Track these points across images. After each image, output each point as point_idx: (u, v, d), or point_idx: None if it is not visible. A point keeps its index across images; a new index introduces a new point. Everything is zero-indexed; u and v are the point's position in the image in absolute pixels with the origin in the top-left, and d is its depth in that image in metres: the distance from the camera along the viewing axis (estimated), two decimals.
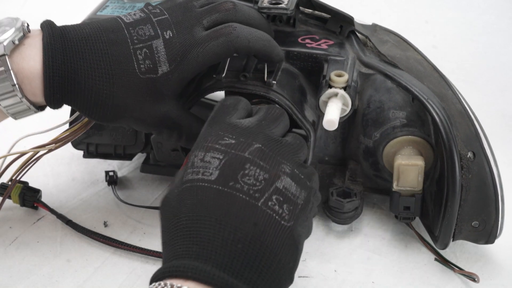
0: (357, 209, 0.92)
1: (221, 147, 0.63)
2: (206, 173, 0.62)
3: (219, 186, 0.61)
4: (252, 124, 0.67)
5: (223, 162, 0.62)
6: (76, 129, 0.87)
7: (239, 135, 0.65)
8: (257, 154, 0.63)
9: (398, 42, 0.96)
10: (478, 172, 0.85)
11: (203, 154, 0.63)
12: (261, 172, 0.62)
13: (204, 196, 0.61)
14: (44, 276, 0.87)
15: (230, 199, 0.60)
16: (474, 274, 0.85)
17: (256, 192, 0.61)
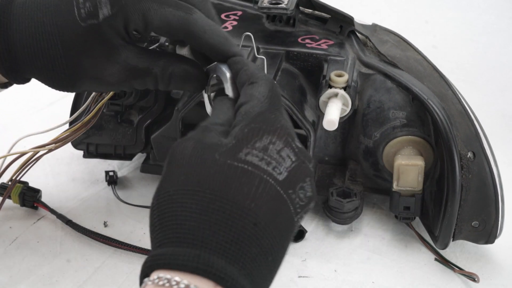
0: (357, 209, 0.92)
1: (295, 149, 0.56)
2: (277, 170, 0.54)
3: (281, 189, 0.54)
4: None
5: (293, 166, 0.55)
6: (76, 129, 0.87)
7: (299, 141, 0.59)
8: (312, 170, 0.58)
9: (398, 42, 0.96)
10: (478, 172, 0.85)
11: (281, 146, 0.56)
12: (310, 190, 0.57)
13: (265, 193, 0.53)
14: (44, 276, 0.87)
15: (282, 206, 0.54)
16: (474, 274, 0.85)
17: (300, 207, 0.56)
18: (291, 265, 0.89)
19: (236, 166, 0.53)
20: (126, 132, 0.97)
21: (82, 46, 0.68)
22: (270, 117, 0.58)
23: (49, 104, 1.24)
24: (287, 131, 0.57)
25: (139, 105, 0.95)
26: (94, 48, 0.68)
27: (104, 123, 0.96)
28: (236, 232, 0.51)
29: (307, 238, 0.93)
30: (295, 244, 0.92)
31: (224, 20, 0.97)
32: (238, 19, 0.98)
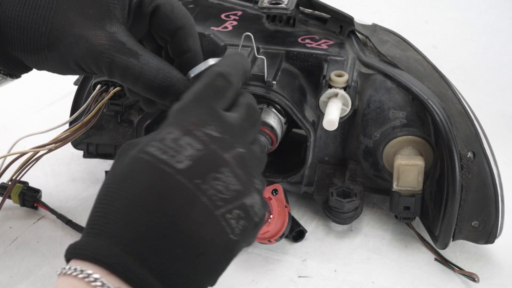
0: (357, 209, 0.92)
1: (203, 136, 0.55)
2: (174, 158, 0.53)
3: (183, 179, 0.52)
4: (237, 122, 0.59)
5: (199, 155, 0.54)
6: (76, 129, 0.87)
7: (225, 131, 0.57)
8: (237, 160, 0.56)
9: (398, 42, 0.96)
10: (478, 172, 0.85)
11: (178, 135, 0.54)
12: (234, 182, 0.55)
13: (161, 183, 0.52)
14: (44, 276, 0.87)
15: (188, 198, 0.52)
16: (474, 274, 0.85)
17: (220, 200, 0.53)
18: (291, 265, 0.89)
19: (138, 158, 0.53)
20: (126, 132, 0.97)
21: (79, 3, 0.66)
22: (184, 109, 0.57)
23: (49, 104, 1.24)
24: (191, 120, 0.56)
25: (139, 105, 0.95)
26: (88, 6, 0.66)
27: (104, 123, 0.97)
28: (134, 222, 0.51)
29: (307, 238, 0.93)
30: (295, 244, 0.92)
31: (224, 20, 0.97)
32: (238, 19, 0.98)
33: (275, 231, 0.86)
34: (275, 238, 0.87)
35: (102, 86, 0.89)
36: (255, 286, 0.86)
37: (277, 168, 0.96)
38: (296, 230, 0.92)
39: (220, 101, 0.59)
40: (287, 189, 0.95)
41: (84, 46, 0.66)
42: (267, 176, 0.93)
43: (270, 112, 0.88)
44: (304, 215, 0.98)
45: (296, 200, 1.00)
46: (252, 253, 0.91)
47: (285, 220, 0.86)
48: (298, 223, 0.93)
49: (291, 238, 0.93)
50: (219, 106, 0.59)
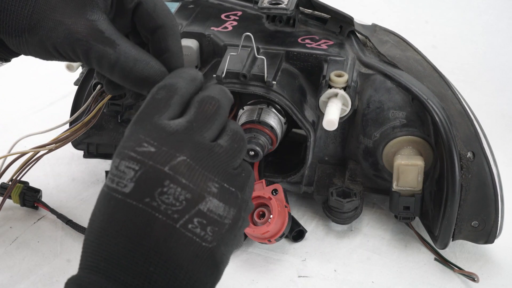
0: (356, 209, 0.92)
1: (137, 156, 0.55)
2: (121, 184, 0.54)
3: (133, 201, 0.54)
4: (180, 127, 0.58)
5: (139, 174, 0.54)
6: (76, 129, 0.87)
7: (162, 142, 0.56)
8: (180, 169, 0.55)
9: (398, 42, 0.96)
10: (477, 172, 0.85)
11: (118, 161, 0.55)
12: (182, 192, 0.55)
13: (116, 209, 0.54)
14: (45, 276, 0.87)
15: (145, 217, 0.54)
16: (474, 274, 0.86)
17: (175, 213, 0.54)
18: (291, 265, 0.89)
19: (101, 190, 0.56)
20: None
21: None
22: (125, 135, 0.58)
23: (49, 104, 1.24)
24: (125, 145, 0.56)
25: (139, 106, 0.95)
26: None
27: (104, 123, 0.97)
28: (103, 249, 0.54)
29: (307, 238, 0.93)
30: (295, 244, 0.92)
31: (224, 20, 0.97)
32: (238, 19, 0.98)
33: (275, 231, 0.86)
34: (275, 238, 0.87)
35: (102, 86, 0.89)
36: (255, 286, 0.86)
37: (277, 168, 0.96)
38: (296, 230, 0.92)
39: (163, 112, 0.59)
40: (287, 189, 0.95)
41: (63, 32, 0.65)
42: (267, 176, 0.94)
43: (270, 112, 0.88)
44: (304, 215, 0.98)
45: (296, 200, 1.00)
46: (252, 253, 0.91)
47: (285, 220, 0.86)
48: (298, 223, 0.93)
49: (291, 238, 0.93)
50: (164, 117, 0.58)
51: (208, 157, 0.57)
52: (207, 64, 0.95)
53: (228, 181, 0.58)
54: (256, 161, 0.89)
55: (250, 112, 0.89)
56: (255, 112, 0.88)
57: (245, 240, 0.91)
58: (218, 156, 0.58)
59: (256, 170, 0.92)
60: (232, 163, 0.59)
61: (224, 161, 0.59)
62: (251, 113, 0.89)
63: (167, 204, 0.54)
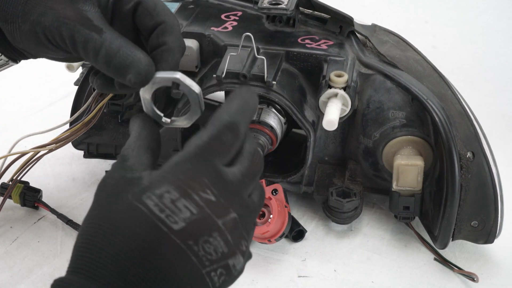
0: (356, 209, 0.92)
1: (199, 200, 0.56)
2: (171, 219, 0.54)
3: (177, 239, 0.54)
4: (235, 179, 0.59)
5: (194, 219, 0.55)
6: (77, 129, 0.87)
7: (221, 192, 0.57)
8: (229, 225, 0.57)
9: (398, 43, 0.96)
10: (477, 172, 0.85)
11: (177, 196, 0.55)
12: (223, 246, 0.56)
13: (157, 240, 0.54)
14: (45, 276, 0.87)
15: (180, 256, 0.54)
16: (474, 274, 0.86)
17: (208, 260, 0.55)
18: (291, 265, 0.89)
19: (135, 207, 0.54)
20: (127, 132, 0.97)
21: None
22: (184, 167, 0.57)
23: (49, 104, 1.24)
24: (189, 183, 0.56)
25: (139, 106, 0.95)
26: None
27: (104, 123, 0.97)
28: (127, 272, 0.53)
29: (307, 238, 0.93)
30: (295, 244, 0.93)
31: (224, 20, 0.97)
32: (238, 19, 0.98)
33: (275, 231, 0.86)
34: (275, 238, 0.87)
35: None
36: (255, 286, 0.86)
37: (277, 168, 0.96)
38: (296, 230, 0.92)
39: (223, 157, 0.59)
40: (287, 189, 0.95)
41: (51, 16, 0.66)
42: (267, 176, 0.94)
43: (270, 112, 0.88)
44: (304, 215, 0.98)
45: (296, 200, 1.00)
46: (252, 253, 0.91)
47: (285, 220, 0.86)
48: (298, 223, 0.93)
49: (291, 238, 0.93)
50: (222, 162, 0.59)
51: (247, 216, 0.59)
52: (207, 64, 0.95)
53: (250, 238, 0.61)
54: None
55: None
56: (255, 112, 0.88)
57: None
58: (252, 214, 0.61)
59: None
60: (255, 218, 0.62)
61: (254, 216, 0.61)
62: None
63: (206, 252, 0.55)
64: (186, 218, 0.54)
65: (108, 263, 0.53)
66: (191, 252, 0.54)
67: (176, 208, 0.54)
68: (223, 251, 0.56)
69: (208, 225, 0.55)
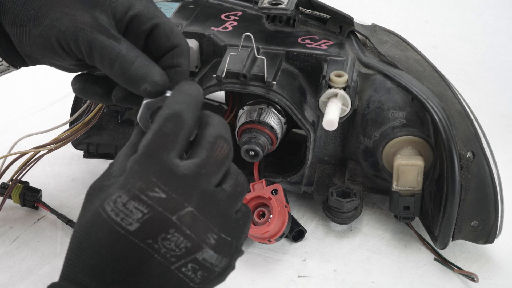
0: (356, 209, 0.92)
1: (147, 200, 0.56)
2: (125, 221, 0.56)
3: (136, 239, 0.56)
4: (190, 171, 0.58)
5: (146, 218, 0.56)
6: (77, 129, 0.87)
7: (172, 188, 0.57)
8: (186, 220, 0.57)
9: (398, 43, 0.96)
10: (477, 172, 0.85)
11: (126, 199, 0.56)
12: (184, 241, 0.57)
13: (116, 242, 0.56)
14: (45, 276, 0.87)
15: (143, 256, 0.56)
16: (474, 274, 0.86)
17: (173, 257, 0.57)
18: (290, 265, 0.89)
19: (98, 213, 0.57)
20: (127, 132, 0.97)
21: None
22: (133, 169, 0.58)
23: (49, 105, 1.24)
24: (136, 185, 0.57)
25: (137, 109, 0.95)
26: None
27: (104, 123, 0.97)
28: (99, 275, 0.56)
29: (307, 238, 0.94)
30: (295, 244, 0.93)
31: (224, 20, 0.97)
32: (238, 19, 0.98)
33: (275, 231, 0.86)
34: (275, 238, 0.87)
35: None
36: (255, 286, 0.86)
37: (277, 168, 0.96)
38: (296, 230, 0.92)
39: (171, 150, 0.59)
40: (287, 189, 0.95)
41: (68, 22, 0.66)
42: (267, 176, 0.94)
43: (270, 112, 0.88)
44: (304, 215, 0.98)
45: (296, 200, 1.00)
46: (252, 253, 0.91)
47: (285, 220, 0.86)
48: (298, 223, 0.93)
49: (291, 238, 0.93)
50: (171, 155, 0.59)
51: (212, 205, 0.59)
52: (207, 64, 0.95)
53: (226, 231, 0.60)
54: (256, 161, 0.90)
55: (250, 112, 0.89)
56: (255, 112, 0.88)
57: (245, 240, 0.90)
58: (221, 202, 0.60)
59: (256, 170, 0.92)
60: (233, 207, 0.61)
61: (226, 207, 0.60)
62: (251, 113, 0.89)
63: (168, 249, 0.56)
64: (138, 219, 0.56)
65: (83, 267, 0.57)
66: (152, 250, 0.56)
67: (128, 211, 0.56)
68: (185, 245, 0.57)
69: (162, 222, 0.56)
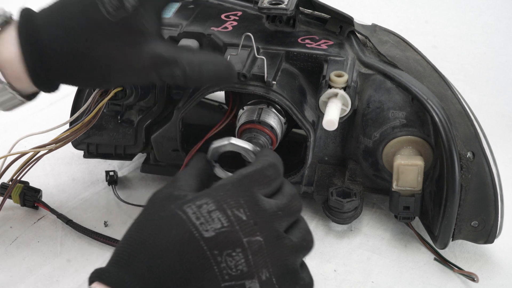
0: (356, 209, 0.92)
1: (231, 216, 0.62)
2: (203, 226, 0.61)
3: (205, 246, 0.60)
4: (270, 209, 0.64)
5: (222, 231, 0.61)
6: (77, 129, 0.87)
7: (253, 215, 0.63)
8: (253, 246, 0.62)
9: (398, 43, 0.96)
10: (477, 172, 0.85)
11: (213, 208, 0.62)
12: (243, 264, 0.61)
13: (187, 243, 0.60)
14: (45, 276, 0.87)
15: (204, 263, 0.60)
16: (474, 274, 0.86)
17: (227, 275, 0.60)
18: None
19: (176, 214, 0.62)
20: (127, 132, 0.97)
21: (112, 38, 0.73)
22: (226, 187, 0.64)
23: (49, 105, 1.24)
24: (226, 199, 0.63)
25: (139, 106, 0.96)
26: (123, 37, 0.73)
27: (104, 123, 0.97)
28: (156, 268, 0.60)
29: None
30: None
31: (224, 20, 0.97)
32: (238, 19, 0.98)
33: None
34: None
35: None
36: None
37: None
38: None
39: (263, 188, 0.66)
40: None
41: (133, 74, 0.75)
42: None
43: (270, 112, 0.88)
44: (304, 215, 0.96)
45: None
46: None
47: None
48: None
49: None
50: (261, 192, 0.65)
51: (276, 246, 0.63)
52: None
53: (277, 276, 0.63)
54: None
55: (250, 112, 0.89)
56: (255, 112, 0.88)
57: None
58: (285, 248, 0.64)
59: None
60: (293, 259, 0.64)
61: (287, 253, 0.64)
62: (251, 113, 0.89)
63: (227, 265, 0.60)
64: (216, 229, 0.61)
65: (143, 257, 0.60)
66: (214, 261, 0.60)
67: (210, 218, 0.61)
68: (242, 269, 0.60)
69: (234, 240, 0.61)
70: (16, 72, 0.74)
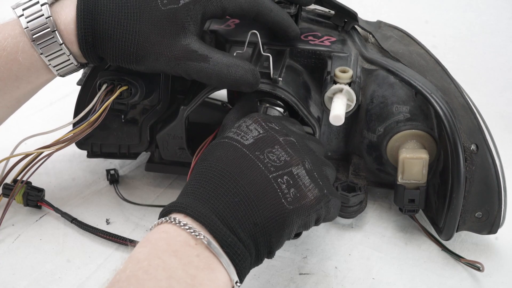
0: (361, 202, 0.93)
1: (265, 125, 0.76)
2: (244, 138, 0.74)
3: (247, 151, 0.73)
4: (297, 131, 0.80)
5: (260, 136, 0.74)
6: (82, 129, 0.87)
7: (283, 128, 0.77)
8: (288, 143, 0.75)
9: (401, 37, 0.97)
10: (481, 164, 0.86)
11: (250, 122, 0.76)
12: (284, 155, 0.73)
13: (231, 153, 0.73)
14: (47, 273, 0.87)
15: (249, 163, 0.72)
16: (478, 263, 0.86)
17: (273, 167, 0.72)
18: (292, 262, 0.89)
19: (219, 141, 0.76)
20: (131, 131, 0.97)
21: (157, 26, 0.80)
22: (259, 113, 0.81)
23: (49, 104, 1.24)
24: (262, 117, 0.78)
25: (143, 105, 0.95)
26: (166, 27, 0.81)
27: (108, 123, 0.96)
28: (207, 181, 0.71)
29: (308, 235, 0.93)
30: (296, 241, 0.92)
31: (226, 18, 0.97)
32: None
33: None
34: None
35: (108, 86, 0.89)
36: (256, 280, 0.86)
37: None
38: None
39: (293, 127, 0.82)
40: None
41: (164, 61, 0.82)
42: None
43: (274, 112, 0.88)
44: None
45: None
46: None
47: None
48: None
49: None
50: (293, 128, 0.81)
51: (306, 144, 0.78)
52: None
53: (318, 171, 0.76)
54: None
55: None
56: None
57: None
58: (311, 145, 0.79)
59: None
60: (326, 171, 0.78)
61: (321, 164, 0.78)
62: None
63: (270, 159, 0.73)
64: (254, 136, 0.75)
65: (204, 181, 0.71)
66: (258, 160, 0.72)
67: (249, 130, 0.75)
68: (285, 159, 0.73)
69: (271, 140, 0.75)
70: (70, 35, 0.82)
